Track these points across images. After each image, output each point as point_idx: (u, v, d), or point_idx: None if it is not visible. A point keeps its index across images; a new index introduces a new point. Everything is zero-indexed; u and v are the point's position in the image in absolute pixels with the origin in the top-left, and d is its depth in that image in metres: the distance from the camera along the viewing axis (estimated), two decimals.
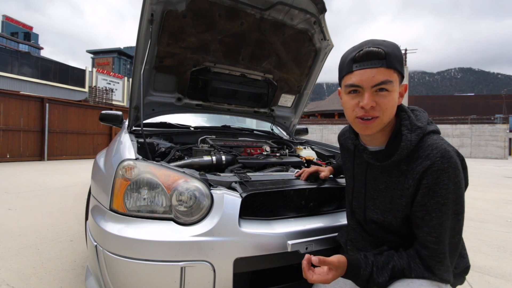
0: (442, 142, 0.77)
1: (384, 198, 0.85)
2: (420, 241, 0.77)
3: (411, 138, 0.78)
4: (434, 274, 0.74)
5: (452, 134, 18.12)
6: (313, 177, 1.26)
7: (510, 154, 20.08)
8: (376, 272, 0.77)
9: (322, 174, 1.26)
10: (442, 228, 0.73)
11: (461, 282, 0.90)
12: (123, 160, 1.04)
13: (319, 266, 0.77)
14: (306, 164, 1.68)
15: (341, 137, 1.09)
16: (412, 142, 0.78)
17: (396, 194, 0.81)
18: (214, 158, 1.41)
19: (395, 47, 0.77)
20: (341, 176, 1.35)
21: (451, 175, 0.73)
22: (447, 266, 0.75)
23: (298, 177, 1.28)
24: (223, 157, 1.43)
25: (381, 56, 0.74)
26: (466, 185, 0.81)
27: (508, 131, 17.64)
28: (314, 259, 0.76)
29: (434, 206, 0.74)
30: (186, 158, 1.44)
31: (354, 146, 0.96)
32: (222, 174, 1.21)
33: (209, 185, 1.03)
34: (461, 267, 0.88)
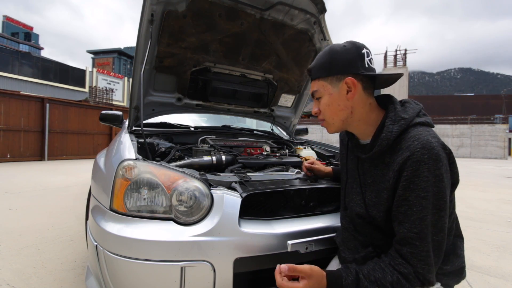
0: (426, 133, 0.75)
1: (371, 192, 0.85)
2: (401, 238, 0.74)
3: (392, 129, 0.78)
4: (417, 273, 0.71)
5: (452, 134, 18.12)
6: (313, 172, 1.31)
7: (509, 154, 20.07)
8: (364, 280, 0.73)
9: (315, 166, 1.29)
10: (423, 223, 0.71)
11: (457, 282, 0.89)
12: (123, 160, 1.04)
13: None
14: None
15: (341, 133, 1.11)
16: (392, 133, 0.77)
17: (381, 188, 0.81)
18: (214, 158, 1.41)
19: (321, 56, 0.87)
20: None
21: (431, 167, 0.71)
22: (430, 266, 0.72)
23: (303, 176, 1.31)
24: (223, 157, 1.43)
25: (309, 73, 0.92)
26: (457, 181, 0.80)
27: (507, 131, 17.63)
28: (283, 267, 0.74)
29: (415, 200, 0.72)
30: (186, 158, 1.44)
31: (348, 140, 0.98)
32: (222, 174, 1.21)
33: (209, 185, 1.03)
34: (456, 266, 0.86)
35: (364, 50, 0.83)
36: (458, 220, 0.91)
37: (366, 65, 0.82)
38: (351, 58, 0.82)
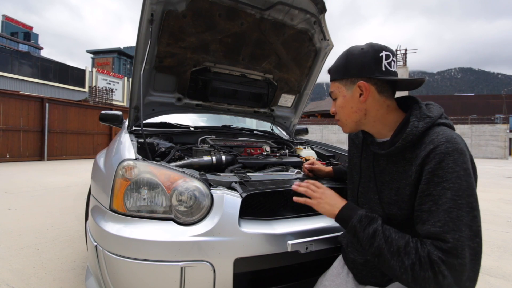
0: (451, 132, 0.74)
1: (390, 190, 0.83)
2: (424, 237, 0.68)
3: (418, 125, 0.77)
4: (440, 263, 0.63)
5: None
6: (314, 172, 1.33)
7: (510, 154, 20.08)
8: (365, 223, 0.77)
9: (315, 166, 1.32)
10: (450, 216, 0.64)
11: None
12: (123, 160, 1.04)
13: None
14: None
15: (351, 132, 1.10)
16: (418, 129, 0.76)
17: (401, 184, 0.79)
18: (214, 158, 1.41)
19: (339, 58, 0.89)
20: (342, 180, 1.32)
21: (457, 160, 0.67)
22: (464, 271, 0.62)
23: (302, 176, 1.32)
24: (223, 157, 1.43)
25: (329, 73, 0.92)
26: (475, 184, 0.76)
27: (508, 131, 17.65)
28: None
29: (441, 193, 0.66)
30: (186, 158, 1.44)
31: (363, 139, 0.97)
32: (222, 174, 1.21)
33: (209, 185, 1.03)
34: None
35: (383, 53, 0.81)
36: None
37: (383, 69, 0.81)
38: (366, 62, 0.81)
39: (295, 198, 0.95)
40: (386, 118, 0.85)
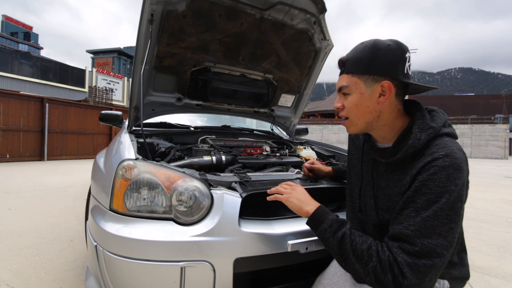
0: (452, 144, 0.72)
1: (383, 197, 0.83)
2: (395, 235, 0.70)
3: (420, 137, 0.75)
4: (404, 278, 0.65)
5: None
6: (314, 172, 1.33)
7: (510, 154, 20.08)
8: (335, 227, 0.78)
9: (315, 166, 1.32)
10: (425, 224, 0.66)
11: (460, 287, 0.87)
12: (123, 160, 1.04)
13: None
14: None
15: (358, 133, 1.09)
16: (420, 141, 0.74)
17: (394, 192, 0.79)
18: (214, 158, 1.40)
19: (361, 50, 0.80)
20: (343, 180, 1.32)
21: (451, 175, 0.67)
22: (428, 274, 0.64)
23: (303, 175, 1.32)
24: (223, 157, 1.42)
25: (341, 64, 0.84)
26: (465, 198, 0.76)
27: (508, 131, 17.64)
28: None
29: (424, 204, 0.67)
30: (186, 158, 1.44)
31: (364, 142, 0.95)
32: (222, 174, 1.21)
33: (209, 185, 1.03)
34: (462, 273, 0.85)
35: (408, 54, 0.78)
36: (463, 234, 0.88)
37: (405, 71, 0.78)
38: (394, 61, 0.76)
39: (268, 198, 0.97)
40: (395, 123, 0.83)
